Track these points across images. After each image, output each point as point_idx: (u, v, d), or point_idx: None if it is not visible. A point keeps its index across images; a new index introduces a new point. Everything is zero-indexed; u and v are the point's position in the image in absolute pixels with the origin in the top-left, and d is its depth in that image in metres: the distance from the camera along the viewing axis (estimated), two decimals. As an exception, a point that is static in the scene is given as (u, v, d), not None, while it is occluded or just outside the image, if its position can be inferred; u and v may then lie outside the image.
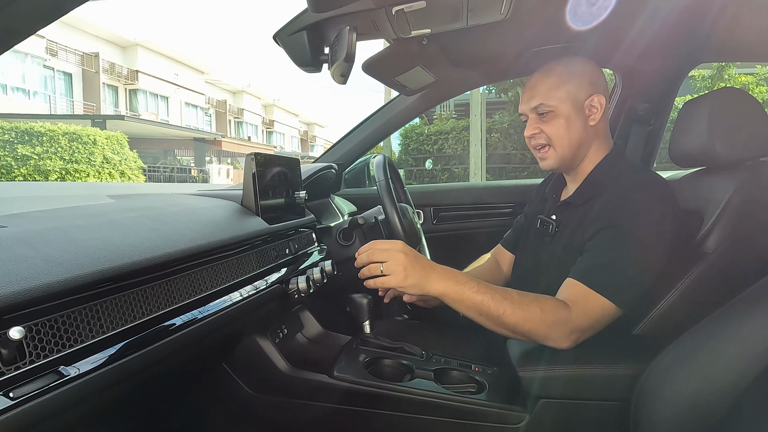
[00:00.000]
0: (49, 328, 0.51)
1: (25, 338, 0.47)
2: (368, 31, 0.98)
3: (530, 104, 1.00)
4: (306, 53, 1.00)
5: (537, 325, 0.82)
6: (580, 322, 0.83)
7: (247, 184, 1.02)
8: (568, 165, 1.03)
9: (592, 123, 0.99)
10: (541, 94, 0.98)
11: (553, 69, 1.00)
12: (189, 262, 0.74)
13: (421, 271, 0.84)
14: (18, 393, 0.46)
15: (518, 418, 0.85)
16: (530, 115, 1.02)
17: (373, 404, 0.90)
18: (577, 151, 1.00)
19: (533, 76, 1.02)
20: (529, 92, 1.01)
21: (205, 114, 23.81)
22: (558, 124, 0.98)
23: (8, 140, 10.22)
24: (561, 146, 0.99)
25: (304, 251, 1.15)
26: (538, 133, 1.00)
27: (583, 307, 0.83)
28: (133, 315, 0.61)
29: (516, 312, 0.82)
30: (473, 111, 7.04)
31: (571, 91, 0.97)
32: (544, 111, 0.98)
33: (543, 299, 0.84)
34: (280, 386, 0.96)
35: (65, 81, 16.92)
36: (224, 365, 0.97)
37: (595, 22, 1.08)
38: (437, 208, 1.89)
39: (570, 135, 0.98)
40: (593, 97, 0.98)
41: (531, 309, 0.82)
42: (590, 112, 0.98)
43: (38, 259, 0.53)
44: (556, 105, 0.97)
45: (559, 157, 1.00)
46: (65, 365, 0.51)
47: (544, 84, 0.99)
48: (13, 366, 0.47)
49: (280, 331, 1.08)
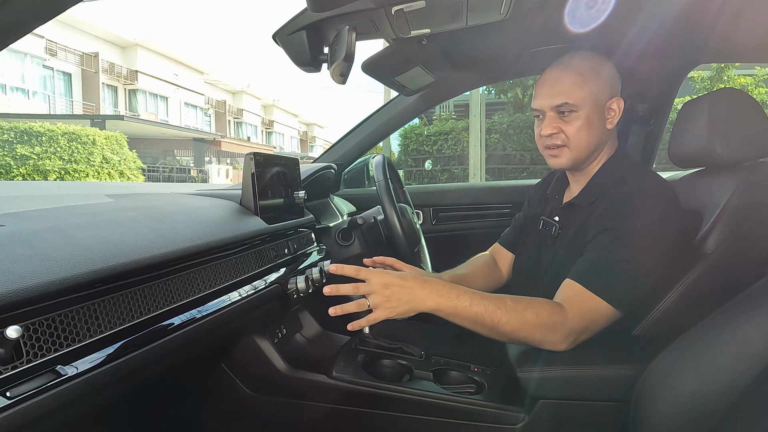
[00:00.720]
0: (47, 327, 0.50)
1: (22, 337, 0.47)
2: (368, 30, 0.98)
3: (552, 101, 0.94)
4: (305, 53, 1.00)
5: (533, 330, 0.82)
6: (576, 323, 0.82)
7: (246, 184, 1.02)
8: (578, 166, 1.00)
9: (609, 127, 0.96)
10: (565, 92, 0.92)
11: (576, 64, 0.94)
12: (187, 262, 0.73)
13: (409, 293, 0.82)
14: (15, 392, 0.46)
15: (517, 419, 0.85)
16: (548, 113, 0.95)
17: (371, 404, 0.90)
18: (592, 153, 0.97)
19: (551, 70, 0.96)
20: (549, 88, 0.94)
21: (205, 114, 23.79)
22: (579, 125, 0.93)
23: (7, 140, 10.20)
24: (578, 148, 0.95)
25: (303, 251, 1.15)
26: (557, 133, 0.95)
27: (579, 309, 0.83)
28: (131, 314, 0.61)
29: (511, 320, 0.81)
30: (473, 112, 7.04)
31: (594, 90, 0.92)
32: (567, 110, 0.93)
33: (538, 304, 0.83)
34: (278, 386, 0.96)
35: (64, 81, 16.90)
36: (223, 365, 0.97)
37: (594, 23, 1.08)
38: (436, 208, 1.89)
39: (590, 138, 0.94)
40: (613, 100, 0.95)
41: (526, 315, 0.82)
42: (609, 115, 0.95)
43: (36, 257, 0.52)
44: (579, 105, 0.92)
45: (573, 158, 0.96)
46: (63, 364, 0.51)
47: (566, 80, 0.93)
48: (10, 365, 0.46)
49: (279, 331, 1.08)
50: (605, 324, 0.85)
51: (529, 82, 7.84)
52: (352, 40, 0.88)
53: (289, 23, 0.97)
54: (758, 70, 7.35)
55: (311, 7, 0.80)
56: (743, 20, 1.09)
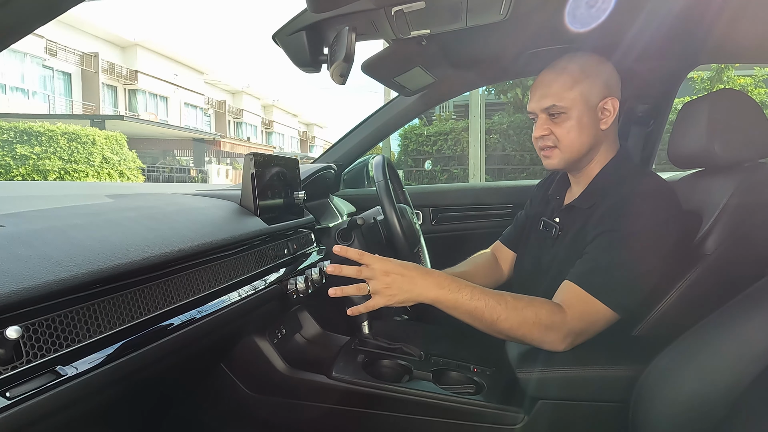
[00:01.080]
0: (47, 328, 0.50)
1: (22, 338, 0.47)
2: (367, 31, 0.98)
3: (541, 104, 0.96)
4: (305, 53, 1.00)
5: (531, 329, 0.82)
6: (574, 325, 0.82)
7: (245, 184, 1.02)
8: (573, 166, 1.00)
9: (604, 127, 0.95)
10: (553, 94, 0.94)
11: (567, 67, 0.95)
12: (187, 262, 0.73)
13: (409, 283, 0.82)
14: (15, 392, 0.46)
15: (516, 419, 0.85)
16: (540, 115, 0.97)
17: (371, 405, 0.90)
18: (586, 154, 0.97)
19: (545, 73, 0.98)
20: (540, 90, 0.96)
21: (205, 114, 23.78)
22: (569, 126, 0.94)
23: (7, 140, 10.19)
24: (569, 149, 0.96)
25: (302, 251, 1.15)
26: (548, 134, 0.96)
27: (579, 311, 0.83)
28: (130, 315, 0.61)
29: (510, 317, 0.81)
30: (472, 112, 7.05)
31: (584, 92, 0.93)
32: (556, 112, 0.94)
33: (538, 303, 0.83)
34: (278, 387, 0.96)
35: (64, 81, 16.89)
36: (222, 365, 0.97)
37: (594, 23, 1.08)
38: (436, 208, 1.89)
39: (580, 139, 0.95)
40: (607, 100, 0.94)
41: (525, 313, 0.81)
42: (603, 116, 0.95)
43: (36, 258, 0.52)
44: (568, 106, 0.93)
45: (564, 159, 0.97)
46: (62, 365, 0.51)
47: (557, 83, 0.94)
48: (10, 366, 0.46)
49: (279, 331, 1.08)
50: (604, 326, 0.85)
51: (528, 82, 7.82)
52: (352, 40, 0.88)
53: (288, 24, 0.97)
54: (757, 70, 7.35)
55: (311, 8, 0.80)
56: (743, 21, 1.09)
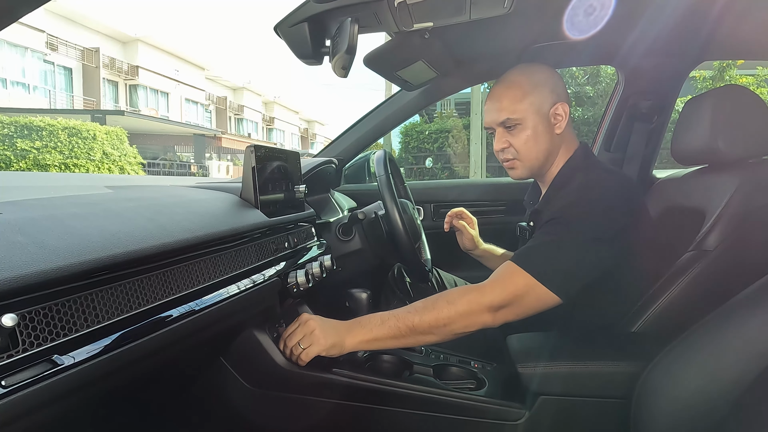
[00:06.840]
0: (43, 317, 0.50)
1: (17, 326, 0.46)
2: (370, 23, 0.97)
3: (496, 118, 1.00)
4: (307, 45, 0.99)
5: (451, 315, 0.83)
6: (495, 296, 0.83)
7: (246, 177, 1.01)
8: (537, 173, 1.04)
9: (558, 131, 0.99)
10: (506, 108, 0.98)
11: (515, 80, 0.99)
12: (187, 254, 0.73)
13: (333, 331, 0.86)
14: (10, 381, 0.45)
15: (518, 415, 0.85)
16: (497, 129, 1.01)
17: (371, 400, 0.90)
18: (546, 160, 1.01)
19: (495, 88, 1.02)
20: (493, 105, 1.00)
21: (205, 110, 23.76)
22: (525, 137, 0.98)
23: (7, 134, 10.19)
24: (529, 158, 1.00)
25: (303, 245, 1.14)
26: (507, 147, 1.00)
27: (501, 282, 0.85)
28: (129, 305, 0.60)
29: (424, 316, 0.83)
30: (474, 109, 7.04)
31: (534, 102, 0.97)
32: (512, 124, 0.98)
33: (447, 292, 0.87)
34: (278, 381, 0.96)
35: (65, 76, 16.87)
36: (222, 359, 0.96)
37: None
38: (437, 204, 1.89)
39: (538, 147, 0.99)
40: (557, 105, 0.98)
41: (437, 306, 0.84)
42: (555, 121, 0.99)
43: (32, 246, 0.52)
44: (522, 117, 0.97)
45: (527, 167, 1.01)
46: (59, 354, 0.50)
47: (507, 97, 0.98)
48: (6, 354, 0.46)
49: (279, 325, 1.07)
50: (537, 302, 0.84)
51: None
52: (355, 32, 0.87)
53: (290, 15, 0.96)
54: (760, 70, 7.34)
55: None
56: (747, 17, 1.09)
